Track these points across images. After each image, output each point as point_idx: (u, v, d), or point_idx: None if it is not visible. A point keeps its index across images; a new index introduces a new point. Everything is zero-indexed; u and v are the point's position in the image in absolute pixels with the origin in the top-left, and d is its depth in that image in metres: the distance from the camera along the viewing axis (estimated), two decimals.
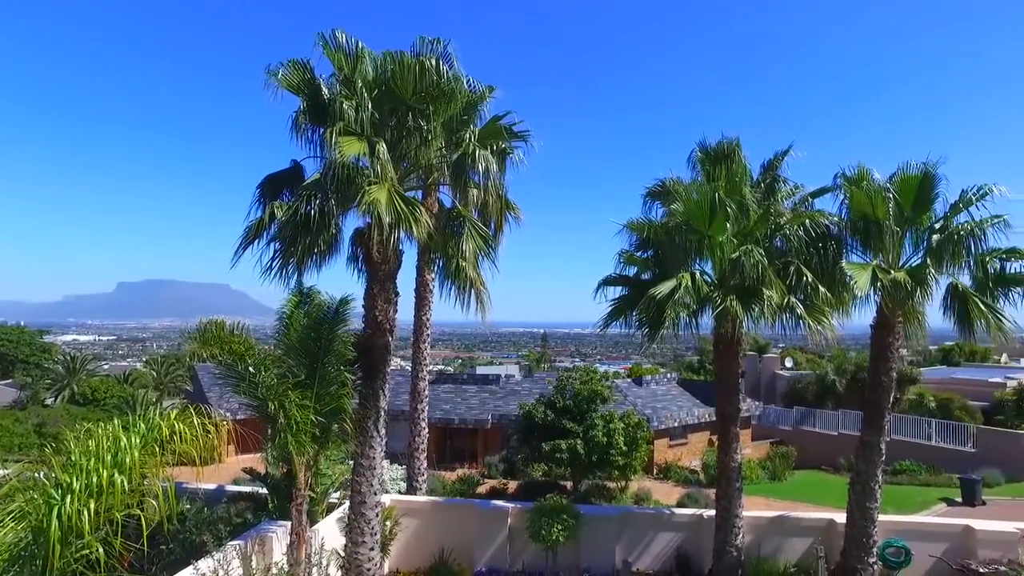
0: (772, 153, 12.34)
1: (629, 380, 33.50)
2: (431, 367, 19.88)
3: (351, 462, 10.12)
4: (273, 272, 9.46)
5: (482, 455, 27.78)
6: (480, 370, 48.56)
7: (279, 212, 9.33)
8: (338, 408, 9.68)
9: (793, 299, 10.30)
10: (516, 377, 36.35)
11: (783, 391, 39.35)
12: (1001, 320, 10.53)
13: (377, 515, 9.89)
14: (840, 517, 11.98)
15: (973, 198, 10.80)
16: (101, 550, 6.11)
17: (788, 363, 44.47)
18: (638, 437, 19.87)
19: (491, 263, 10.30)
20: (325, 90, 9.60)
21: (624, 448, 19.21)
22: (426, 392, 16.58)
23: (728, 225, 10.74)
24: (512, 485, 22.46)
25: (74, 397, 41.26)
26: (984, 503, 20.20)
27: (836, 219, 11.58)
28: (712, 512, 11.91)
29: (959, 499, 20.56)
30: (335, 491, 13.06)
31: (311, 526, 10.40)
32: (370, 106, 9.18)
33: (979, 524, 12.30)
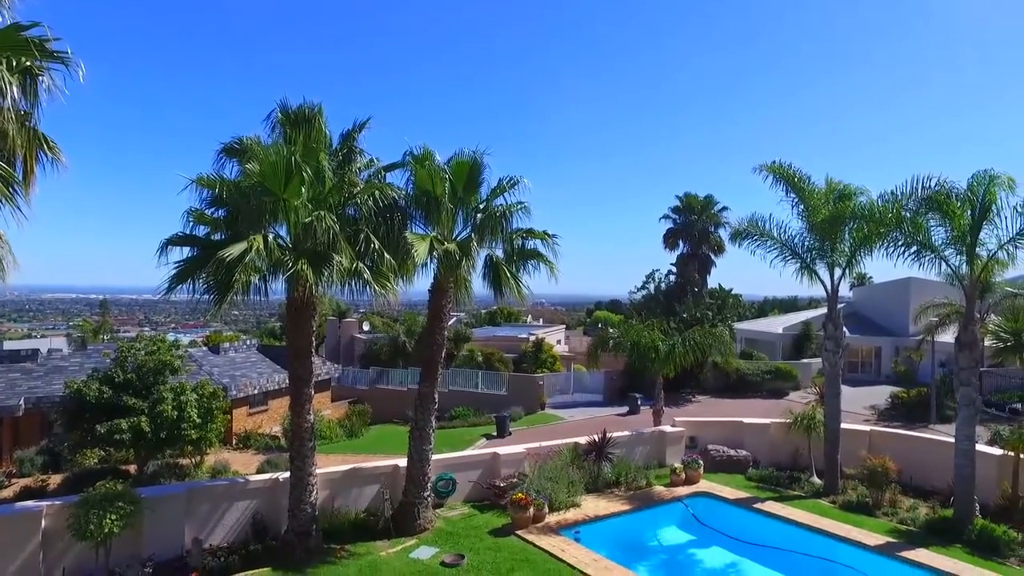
0: (352, 124, 12.55)
1: (205, 348, 31.28)
2: None
3: None
4: None
5: (10, 450, 22.67)
6: (10, 345, 38.92)
7: None
8: None
9: (362, 264, 10.83)
10: (64, 351, 30.38)
11: (361, 353, 41.82)
12: (520, 286, 13.17)
13: None
14: (403, 462, 13.42)
15: (507, 186, 13.11)
16: None
17: (366, 327, 47.51)
18: (214, 408, 18.79)
19: (14, 209, 8.42)
20: None
21: (198, 421, 17.96)
22: None
23: (304, 190, 10.74)
24: (56, 480, 18.88)
25: None
26: (511, 434, 25.17)
27: (404, 193, 12.66)
28: (288, 474, 12.02)
29: (495, 433, 25.18)
30: None
31: None
32: None
33: (502, 450, 15.49)
